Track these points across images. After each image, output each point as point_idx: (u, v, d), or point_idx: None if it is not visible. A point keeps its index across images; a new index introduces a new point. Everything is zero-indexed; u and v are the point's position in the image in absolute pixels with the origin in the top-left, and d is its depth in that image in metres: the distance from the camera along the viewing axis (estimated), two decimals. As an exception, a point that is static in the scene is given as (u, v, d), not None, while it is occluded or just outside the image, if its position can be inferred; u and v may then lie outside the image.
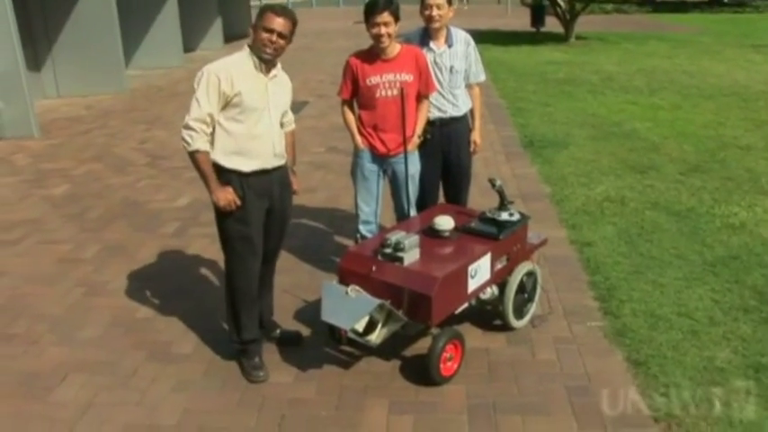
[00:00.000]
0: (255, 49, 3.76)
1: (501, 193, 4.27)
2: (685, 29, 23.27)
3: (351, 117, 4.72)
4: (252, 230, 3.87)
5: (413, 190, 4.78)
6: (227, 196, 3.76)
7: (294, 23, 3.80)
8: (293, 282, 5.05)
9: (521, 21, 24.16)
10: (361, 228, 4.78)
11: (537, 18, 22.45)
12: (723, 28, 23.51)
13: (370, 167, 4.68)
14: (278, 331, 4.36)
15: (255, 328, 4.09)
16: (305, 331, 4.43)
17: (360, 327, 3.69)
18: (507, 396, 3.78)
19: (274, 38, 3.70)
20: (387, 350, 4.09)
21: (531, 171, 7.58)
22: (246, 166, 3.80)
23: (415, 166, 4.73)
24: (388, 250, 3.82)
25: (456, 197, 5.15)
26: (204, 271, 5.43)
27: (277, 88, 3.90)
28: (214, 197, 3.79)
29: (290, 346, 4.30)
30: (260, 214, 3.91)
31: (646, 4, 33.75)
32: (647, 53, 17.25)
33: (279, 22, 3.70)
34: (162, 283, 5.23)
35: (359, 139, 4.65)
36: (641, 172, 7.46)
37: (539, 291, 4.52)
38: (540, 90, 12.37)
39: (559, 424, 3.56)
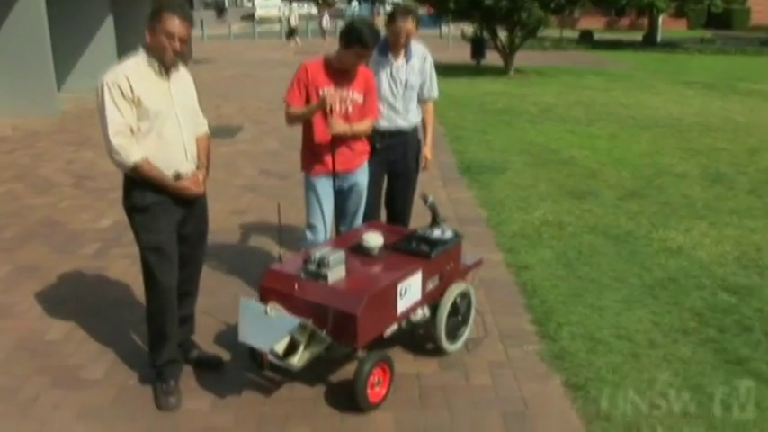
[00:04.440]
0: (155, 53, 3.49)
1: (433, 210, 4.07)
2: (620, 65, 23.75)
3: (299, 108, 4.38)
4: (163, 239, 3.59)
5: (360, 204, 4.61)
6: (189, 185, 3.63)
7: (192, 25, 3.59)
8: (215, 304, 4.74)
9: (461, 53, 24.31)
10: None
11: (477, 51, 22.63)
12: (656, 66, 24.07)
13: (322, 185, 4.45)
14: (195, 353, 4.04)
15: (173, 349, 3.78)
16: (225, 356, 4.12)
17: (280, 349, 3.40)
18: (439, 423, 3.53)
19: (176, 44, 3.46)
20: (310, 375, 3.82)
21: (467, 196, 7.43)
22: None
23: (365, 178, 4.59)
24: (312, 267, 3.56)
25: (401, 214, 5.02)
26: (123, 292, 5.07)
27: (179, 86, 3.65)
28: (187, 192, 3.63)
29: (209, 370, 3.99)
30: (172, 222, 3.63)
31: (583, 42, 34.51)
32: (584, 86, 17.46)
33: (181, 27, 3.45)
34: (76, 305, 4.86)
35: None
36: (579, 197, 7.37)
37: (473, 313, 4.31)
38: (480, 119, 12.32)
39: (493, 452, 3.33)
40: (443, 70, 20.53)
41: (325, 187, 4.44)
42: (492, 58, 21.74)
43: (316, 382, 3.84)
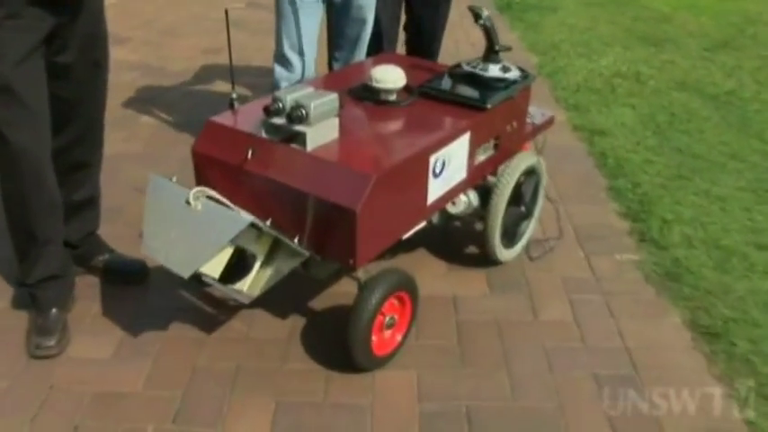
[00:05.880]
0: None
1: (489, 33, 2.44)
2: None
3: None
4: (9, 72, 1.97)
5: (362, 30, 3.00)
6: None
7: None
8: (156, 173, 3.20)
9: None
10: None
11: None
12: None
13: None
14: (103, 258, 2.55)
15: (54, 258, 2.27)
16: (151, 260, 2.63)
17: (215, 270, 1.88)
18: (492, 396, 2.06)
19: None
20: (280, 300, 2.35)
21: (510, 37, 5.69)
22: None
23: None
24: (279, 121, 1.98)
25: (427, 48, 3.48)
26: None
27: None
28: None
29: (123, 285, 2.52)
30: (29, 42, 1.98)
31: None
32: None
33: None
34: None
35: None
36: (655, 44, 5.65)
37: (541, 201, 2.77)
38: (515, -45, 10.33)
39: (593, 460, 1.88)
40: None
41: None
42: None
43: (288, 313, 2.36)
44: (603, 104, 4.27)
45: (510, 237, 2.61)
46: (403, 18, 3.52)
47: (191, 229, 1.79)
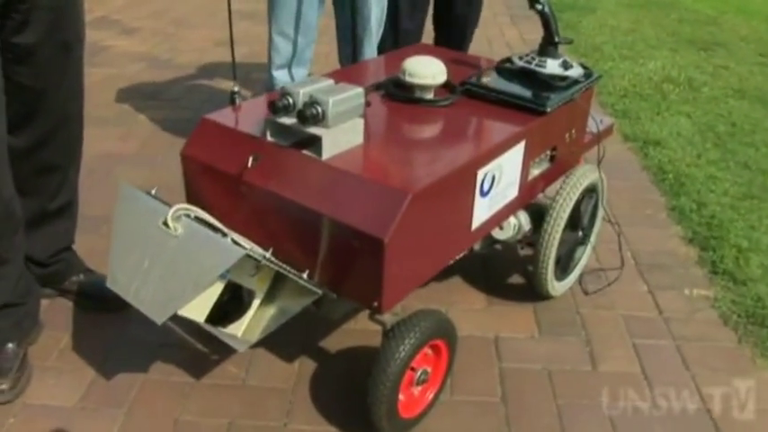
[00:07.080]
0: None
1: (547, 21, 2.02)
2: None
3: None
4: None
5: (368, 23, 2.58)
6: None
7: None
8: (151, 178, 2.80)
9: None
10: (276, 74, 2.59)
11: None
12: None
13: None
14: (77, 278, 2.15)
15: (7, 283, 1.84)
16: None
17: (199, 313, 1.46)
18: (549, 476, 1.65)
19: None
20: (285, 338, 1.93)
21: (548, 37, 5.28)
22: None
23: None
24: (288, 120, 1.57)
25: (456, 38, 3.18)
26: None
27: None
28: None
29: (101, 311, 2.11)
30: None
31: None
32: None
33: None
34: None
35: None
36: (705, 49, 5.20)
37: (599, 224, 2.35)
38: (547, -45, 9.88)
39: None
40: None
41: None
42: None
43: (295, 355, 1.94)
44: (655, 112, 3.83)
45: (563, 267, 2.18)
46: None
47: (168, 259, 1.38)
